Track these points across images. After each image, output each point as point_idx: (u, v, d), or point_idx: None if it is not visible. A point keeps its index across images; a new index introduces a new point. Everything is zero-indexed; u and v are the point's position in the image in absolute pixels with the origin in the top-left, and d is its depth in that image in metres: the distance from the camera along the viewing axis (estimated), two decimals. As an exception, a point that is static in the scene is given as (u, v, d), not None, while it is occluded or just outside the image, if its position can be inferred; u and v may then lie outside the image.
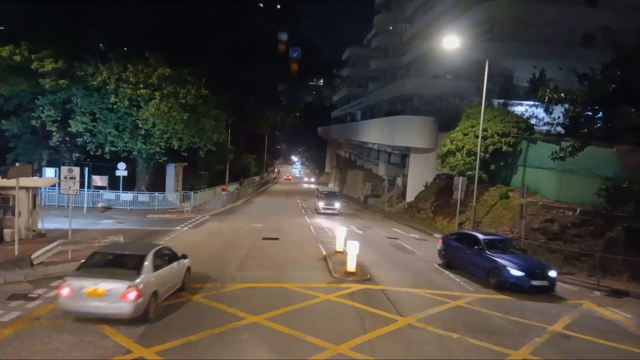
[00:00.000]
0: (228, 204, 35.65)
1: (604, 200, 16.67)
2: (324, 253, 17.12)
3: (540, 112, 28.46)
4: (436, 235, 24.41)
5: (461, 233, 17.21)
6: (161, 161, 30.41)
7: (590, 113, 20.24)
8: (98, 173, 28.99)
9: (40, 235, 17.38)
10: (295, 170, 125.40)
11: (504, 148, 23.98)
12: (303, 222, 27.65)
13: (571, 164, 18.31)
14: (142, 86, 26.93)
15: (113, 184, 28.94)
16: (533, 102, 29.01)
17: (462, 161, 24.98)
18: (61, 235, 16.49)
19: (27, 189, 16.46)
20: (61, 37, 27.29)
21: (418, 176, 34.06)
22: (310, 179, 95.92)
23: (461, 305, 11.64)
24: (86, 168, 27.53)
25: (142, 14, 30.61)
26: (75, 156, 31.42)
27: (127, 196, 28.60)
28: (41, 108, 27.47)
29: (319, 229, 24.45)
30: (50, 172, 26.56)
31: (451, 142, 25.99)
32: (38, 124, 28.58)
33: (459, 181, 23.89)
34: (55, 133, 29.08)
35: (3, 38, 26.54)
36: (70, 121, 27.73)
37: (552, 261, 15.88)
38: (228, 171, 44.71)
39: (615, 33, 22.45)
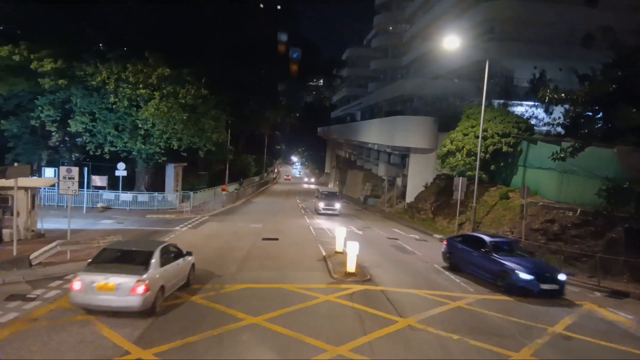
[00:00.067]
0: (227, 204, 35.60)
1: (605, 200, 16.62)
2: (324, 253, 17.07)
3: (540, 113, 28.44)
4: (436, 235, 24.40)
5: (466, 235, 16.90)
6: (161, 161, 30.37)
7: (590, 113, 20.19)
8: (97, 173, 28.94)
9: (39, 235, 17.36)
10: (295, 170, 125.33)
11: (504, 148, 23.94)
12: (303, 223, 27.60)
13: (571, 165, 18.26)
14: (142, 86, 26.89)
15: (112, 184, 28.89)
16: (533, 103, 29.00)
17: (462, 161, 24.94)
18: (60, 235, 16.46)
19: (26, 189, 16.45)
20: (61, 37, 27.24)
21: (418, 176, 34.03)
22: (310, 179, 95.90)
23: (461, 306, 11.59)
24: (85, 168, 27.50)
25: (142, 14, 30.56)
26: (74, 156, 31.34)
27: (127, 196, 28.56)
28: (40, 108, 27.42)
29: (319, 230, 24.40)
30: (49, 172, 26.52)
31: (451, 143, 25.95)
32: (37, 124, 28.53)
33: (459, 181, 23.89)
34: (54, 133, 29.02)
35: (2, 38, 26.51)
36: (69, 121, 27.69)
37: (553, 262, 15.83)
38: (228, 171, 44.70)
39: (615, 33, 22.39)
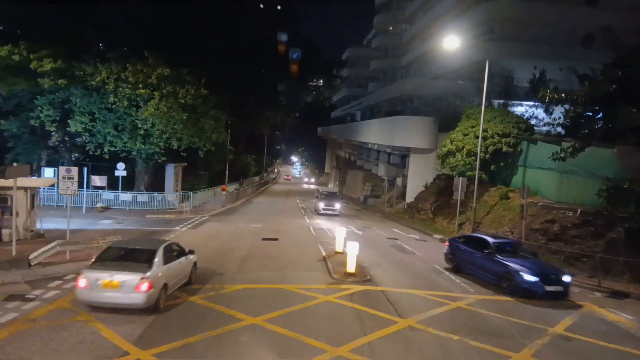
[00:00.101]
0: (227, 204, 35.58)
1: (605, 200, 16.60)
2: (324, 254, 17.03)
3: (540, 113, 28.41)
4: (436, 236, 24.37)
5: (469, 236, 16.69)
6: (160, 161, 30.34)
7: (590, 113, 20.17)
8: (97, 173, 28.89)
9: (38, 235, 17.33)
10: (295, 170, 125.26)
11: (504, 148, 23.92)
12: (303, 223, 27.58)
13: (572, 165, 18.23)
14: (141, 86, 26.86)
15: (112, 184, 28.85)
16: (533, 103, 28.97)
17: (462, 161, 24.91)
18: (60, 235, 16.43)
19: (26, 189, 16.41)
20: (61, 37, 27.22)
21: (418, 176, 34.00)
22: (310, 179, 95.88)
23: (461, 306, 11.57)
24: (85, 168, 27.46)
25: (142, 14, 30.52)
26: (74, 156, 31.32)
27: (126, 196, 28.53)
28: (40, 108, 27.40)
29: (319, 230, 24.38)
30: (49, 172, 26.50)
31: (451, 143, 25.92)
32: (37, 124, 28.50)
33: (459, 182, 23.88)
34: (54, 133, 29.00)
35: (2, 38, 26.48)
36: (69, 121, 27.66)
37: (553, 262, 15.80)
38: (227, 171, 44.68)
39: (615, 33, 22.37)
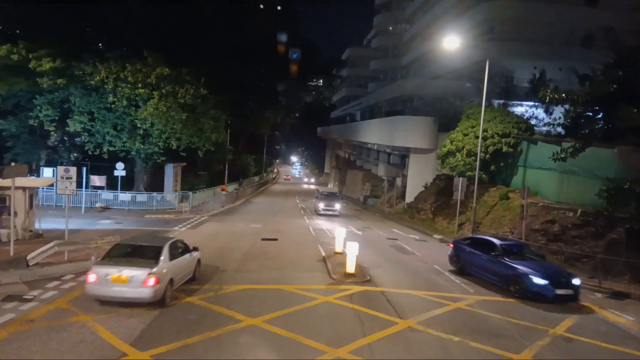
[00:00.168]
0: (227, 204, 35.51)
1: (605, 201, 16.55)
2: (323, 254, 16.98)
3: (540, 113, 28.34)
4: (436, 236, 24.33)
5: (474, 238, 16.32)
6: (159, 161, 30.29)
7: (590, 114, 20.12)
8: (96, 173, 28.81)
9: (37, 235, 17.27)
10: (294, 170, 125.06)
11: (504, 149, 23.86)
12: (302, 223, 27.52)
13: (572, 165, 18.17)
14: (141, 86, 26.82)
15: (111, 184, 28.77)
16: (533, 103, 28.91)
17: (462, 162, 24.86)
18: (58, 235, 16.35)
19: (24, 189, 16.36)
20: (61, 37, 27.20)
21: (418, 177, 33.95)
22: (309, 180, 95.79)
23: (462, 307, 11.51)
24: (84, 168, 27.40)
25: (142, 14, 30.49)
26: (73, 156, 31.27)
27: (126, 196, 28.46)
28: (39, 107, 27.34)
29: (318, 230, 24.32)
30: (48, 172, 26.43)
31: (451, 143, 25.87)
32: (36, 124, 28.45)
33: (459, 182, 23.85)
34: (53, 133, 28.94)
35: (1, 37, 26.43)
36: (68, 121, 27.62)
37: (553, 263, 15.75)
38: (227, 171, 44.64)
39: (615, 33, 22.33)
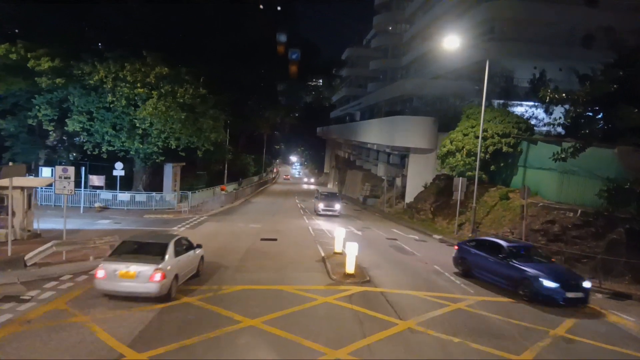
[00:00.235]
0: (226, 204, 35.44)
1: (606, 201, 16.50)
2: (323, 254, 16.91)
3: (540, 113, 28.29)
4: (436, 236, 24.27)
5: (480, 239, 15.77)
6: (159, 161, 30.22)
7: (591, 114, 20.08)
8: (95, 173, 28.78)
9: (35, 235, 17.19)
10: (294, 170, 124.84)
11: (504, 149, 23.81)
12: (302, 223, 27.45)
13: (572, 165, 18.11)
14: (140, 85, 26.76)
15: (110, 184, 28.72)
16: (533, 103, 28.86)
17: (462, 162, 24.80)
18: (57, 235, 16.24)
19: (22, 189, 16.28)
20: (60, 37, 27.16)
21: (417, 177, 33.89)
22: (309, 180, 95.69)
23: (462, 308, 11.45)
24: (83, 168, 27.34)
25: (142, 14, 30.47)
26: (72, 156, 31.21)
27: (124, 196, 28.38)
28: (38, 107, 27.27)
29: (318, 230, 24.26)
30: (46, 172, 26.37)
31: (451, 143, 25.80)
32: (35, 123, 28.38)
33: (459, 182, 23.80)
34: (52, 132, 28.88)
35: (0, 37, 26.35)
36: (67, 120, 27.56)
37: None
38: (226, 171, 44.59)
39: (616, 33, 22.28)
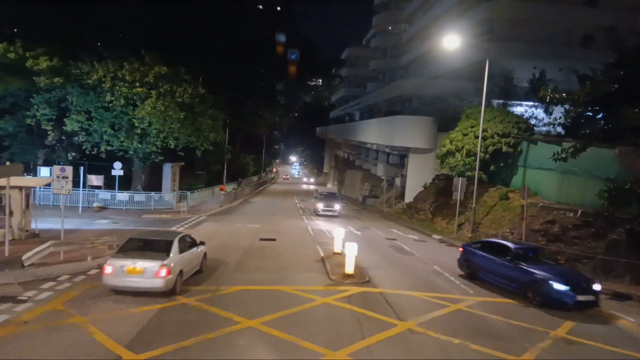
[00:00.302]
0: (225, 204, 35.36)
1: (606, 201, 16.43)
2: (322, 254, 16.84)
3: (540, 113, 28.24)
4: (435, 236, 24.22)
5: (486, 241, 15.34)
6: (157, 161, 30.14)
7: (591, 114, 20.05)
8: (94, 172, 28.69)
9: (33, 235, 17.11)
10: (294, 170, 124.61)
11: (504, 149, 23.76)
12: (301, 223, 27.39)
13: (572, 165, 18.06)
14: (138, 84, 26.71)
15: (109, 184, 28.64)
16: (533, 103, 28.82)
17: (462, 162, 24.75)
18: (55, 235, 16.15)
19: (20, 189, 16.20)
20: (60, 37, 27.11)
21: (417, 177, 33.84)
22: (309, 179, 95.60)
23: (462, 308, 11.39)
24: (82, 167, 27.26)
25: (142, 14, 30.44)
26: (71, 155, 31.14)
27: (123, 196, 28.31)
28: (36, 106, 27.19)
29: (317, 230, 24.20)
30: (45, 172, 26.33)
31: (451, 143, 25.75)
32: (33, 123, 28.29)
33: (459, 182, 23.75)
34: (50, 132, 28.80)
35: (0, 37, 26.31)
36: (65, 120, 27.48)
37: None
38: (226, 171, 44.54)
39: (616, 33, 22.25)
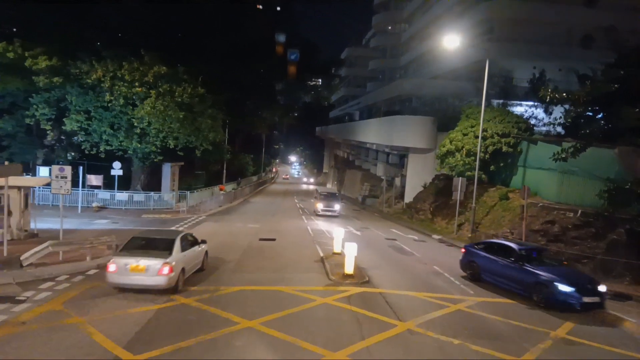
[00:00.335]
0: (225, 204, 35.32)
1: (606, 201, 16.42)
2: (322, 254, 16.81)
3: (539, 113, 28.20)
4: (435, 236, 24.19)
5: (489, 242, 15.15)
6: (157, 160, 30.10)
7: (591, 114, 20.03)
8: (93, 172, 28.64)
9: (32, 235, 17.07)
10: (293, 170, 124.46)
11: (504, 148, 23.72)
12: (301, 223, 27.35)
13: (572, 165, 18.04)
14: (138, 84, 26.68)
15: (108, 184, 28.59)
16: (532, 103, 28.78)
17: (462, 161, 24.71)
18: (54, 235, 16.10)
19: (19, 188, 16.16)
20: (60, 37, 27.08)
21: (417, 177, 33.81)
22: (309, 179, 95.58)
23: (462, 309, 11.36)
24: (81, 167, 27.21)
25: (142, 14, 30.42)
26: (70, 155, 31.10)
27: (122, 196, 28.26)
28: (35, 106, 27.15)
29: (317, 230, 24.16)
30: (44, 171, 26.26)
31: (450, 143, 25.71)
32: (32, 123, 28.24)
33: (459, 182, 23.72)
34: (49, 132, 28.78)
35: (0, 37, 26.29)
36: (64, 119, 27.43)
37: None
38: (225, 171, 44.50)
39: (616, 32, 22.23)
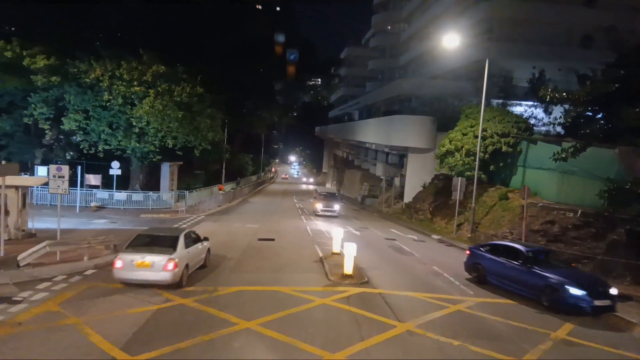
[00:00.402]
0: (224, 204, 35.24)
1: (606, 201, 16.36)
2: (321, 255, 16.75)
3: (539, 113, 28.19)
4: (434, 236, 24.14)
5: (495, 244, 14.86)
6: (155, 160, 30.03)
7: (590, 113, 20.00)
8: (92, 172, 28.57)
9: (30, 235, 17.00)
10: (293, 170, 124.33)
11: (504, 148, 23.68)
12: (300, 223, 27.29)
13: (572, 165, 17.99)
14: (136, 83, 26.61)
15: (107, 183, 28.52)
16: (532, 103, 28.76)
17: (461, 161, 24.66)
18: (52, 235, 16.04)
19: (17, 188, 16.08)
20: (60, 37, 27.03)
21: (416, 176, 33.77)
22: (308, 179, 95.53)
23: (461, 309, 11.30)
24: (79, 167, 27.14)
25: (142, 14, 30.39)
26: (69, 154, 31.03)
27: (121, 195, 28.18)
28: (33, 105, 27.07)
29: (316, 230, 24.10)
30: (42, 171, 26.19)
31: (450, 142, 25.67)
32: (30, 122, 28.15)
33: (458, 182, 23.67)
34: (48, 131, 28.68)
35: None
36: (63, 119, 27.36)
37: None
38: (224, 171, 44.44)
39: (616, 32, 22.21)
